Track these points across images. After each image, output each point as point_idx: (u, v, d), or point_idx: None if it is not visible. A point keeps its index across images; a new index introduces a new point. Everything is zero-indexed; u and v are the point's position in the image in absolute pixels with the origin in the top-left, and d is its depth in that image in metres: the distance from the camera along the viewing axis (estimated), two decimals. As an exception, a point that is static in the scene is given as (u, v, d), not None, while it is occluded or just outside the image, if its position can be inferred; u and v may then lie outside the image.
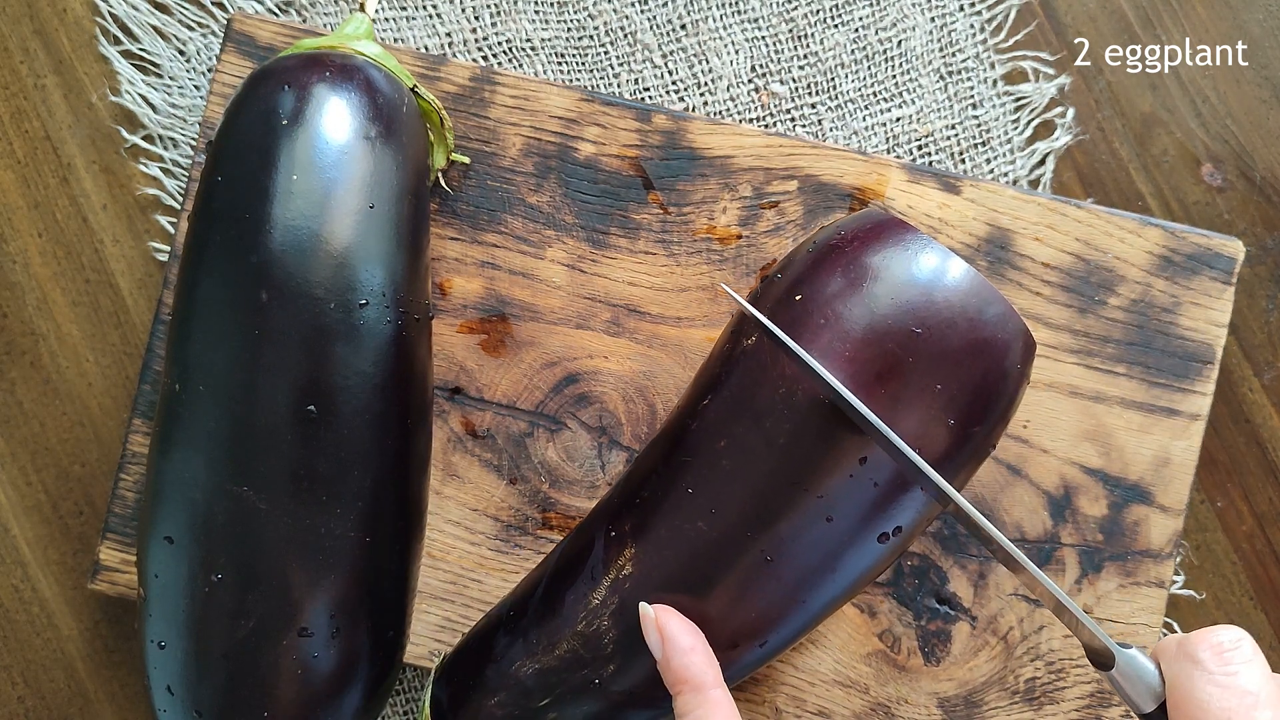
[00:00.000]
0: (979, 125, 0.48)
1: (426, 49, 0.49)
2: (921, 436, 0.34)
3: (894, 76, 0.48)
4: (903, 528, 0.35)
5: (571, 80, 0.49)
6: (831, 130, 0.48)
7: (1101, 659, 0.32)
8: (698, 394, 0.38)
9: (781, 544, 0.35)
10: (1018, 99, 0.49)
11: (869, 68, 0.48)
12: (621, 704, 0.37)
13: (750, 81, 0.48)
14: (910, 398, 0.34)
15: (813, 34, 0.48)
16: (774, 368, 0.35)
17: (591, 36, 0.48)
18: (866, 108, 0.48)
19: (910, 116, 0.48)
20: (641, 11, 0.48)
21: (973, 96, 0.48)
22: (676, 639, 0.35)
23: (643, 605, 0.36)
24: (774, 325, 0.35)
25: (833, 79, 0.48)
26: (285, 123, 0.37)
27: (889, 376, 0.34)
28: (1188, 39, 0.49)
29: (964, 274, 0.35)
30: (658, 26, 0.48)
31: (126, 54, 0.49)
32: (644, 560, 0.36)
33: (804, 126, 0.48)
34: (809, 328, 0.35)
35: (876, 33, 0.48)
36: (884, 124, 0.48)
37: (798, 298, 0.36)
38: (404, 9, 0.49)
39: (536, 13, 0.48)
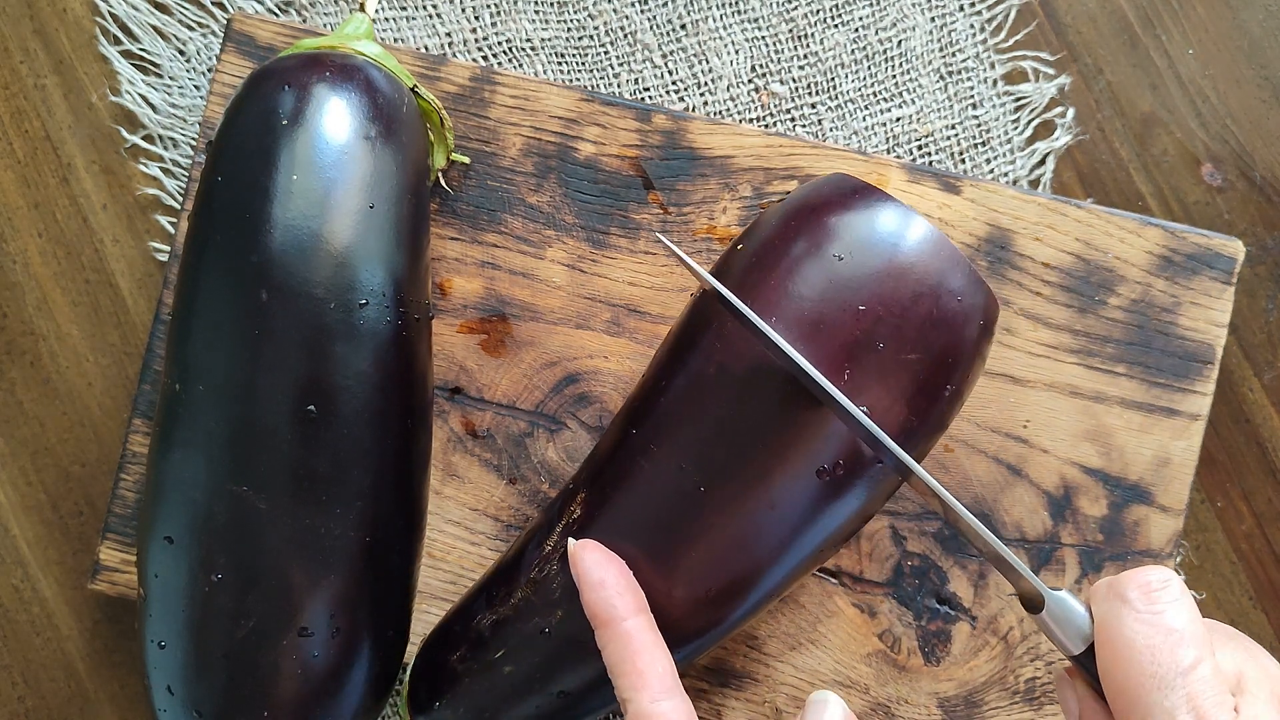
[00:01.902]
0: (979, 125, 0.48)
1: (426, 49, 0.49)
2: (885, 399, 0.34)
3: (894, 76, 0.48)
4: (842, 463, 0.35)
5: (571, 80, 0.49)
6: (831, 130, 0.48)
7: (1032, 602, 0.32)
8: (657, 353, 0.38)
9: (714, 475, 0.35)
10: (1018, 99, 0.49)
11: (869, 68, 0.48)
12: (569, 653, 0.37)
13: (750, 81, 0.48)
14: (873, 360, 0.34)
15: (813, 34, 0.48)
16: (721, 323, 0.35)
17: (591, 36, 0.48)
18: (866, 108, 0.48)
19: (910, 116, 0.48)
20: (641, 11, 0.48)
21: (973, 96, 0.48)
22: (589, 573, 0.35)
23: (570, 541, 0.36)
24: (721, 286, 0.35)
25: (833, 79, 0.48)
26: (285, 123, 0.37)
27: (851, 341, 0.34)
28: (1188, 39, 0.49)
29: (927, 233, 0.35)
30: (658, 26, 0.48)
31: (126, 54, 0.49)
32: (591, 502, 0.37)
33: (804, 126, 0.48)
34: (768, 292, 0.35)
35: (876, 33, 0.48)
36: (884, 124, 0.48)
37: (763, 265, 0.36)
38: (404, 9, 0.49)
39: (536, 13, 0.48)
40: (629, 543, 0.36)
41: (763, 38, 0.48)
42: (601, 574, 0.35)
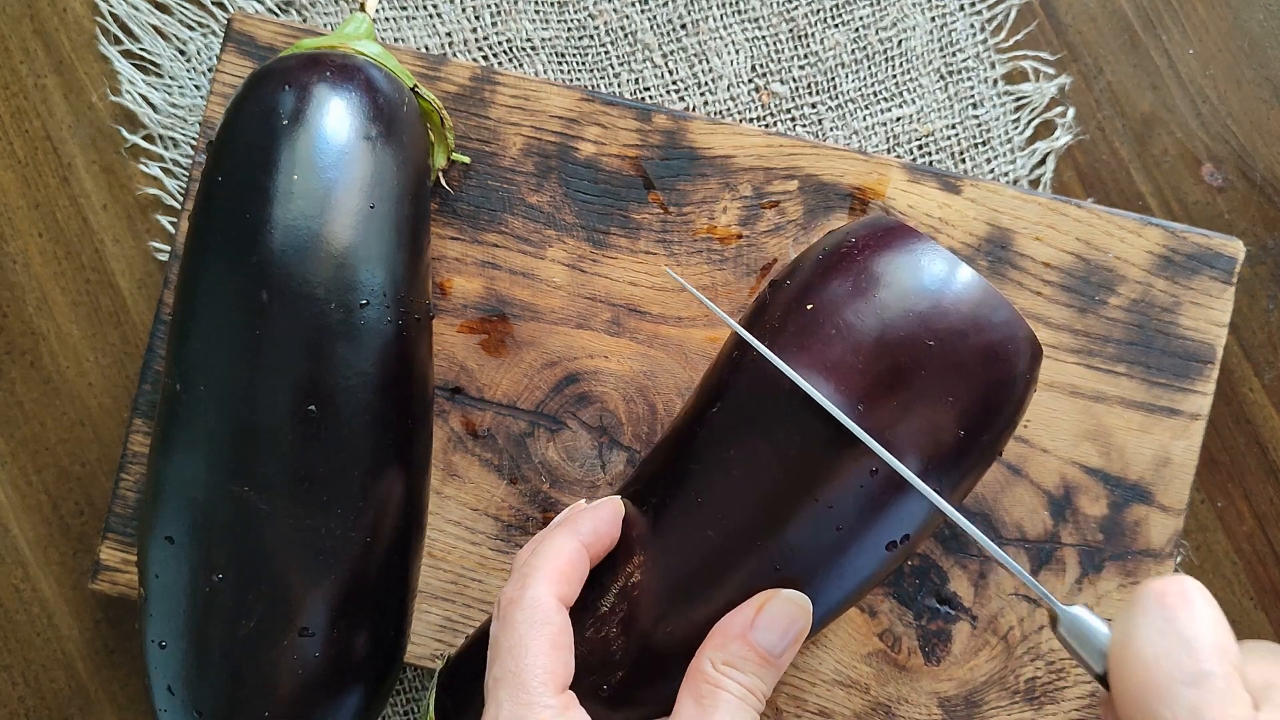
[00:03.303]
0: (979, 125, 0.48)
1: (427, 49, 0.49)
2: (932, 444, 0.34)
3: (894, 76, 0.48)
4: (910, 535, 0.35)
5: (572, 80, 0.49)
6: (832, 130, 0.48)
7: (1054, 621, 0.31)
8: (705, 400, 0.37)
9: (790, 553, 0.34)
10: (1018, 99, 0.49)
11: (869, 67, 0.48)
12: (630, 713, 0.36)
13: (750, 81, 0.48)
14: (921, 407, 0.34)
15: (813, 34, 0.48)
16: (781, 376, 0.35)
17: (592, 36, 0.48)
18: (867, 107, 0.48)
19: (910, 116, 0.48)
20: (642, 11, 0.48)
21: (973, 96, 0.48)
22: (519, 556, 0.36)
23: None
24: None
25: (833, 79, 0.48)
26: (285, 123, 0.37)
27: (900, 385, 0.34)
28: (1188, 39, 0.49)
29: (972, 281, 0.35)
30: (658, 26, 0.48)
31: (127, 54, 0.49)
32: (652, 568, 0.36)
33: (804, 126, 0.48)
34: (820, 338, 0.35)
35: (877, 32, 0.48)
36: (884, 124, 0.48)
37: (808, 306, 0.35)
38: (404, 9, 0.49)
39: (537, 12, 0.48)
40: (693, 603, 0.35)
41: (763, 37, 0.48)
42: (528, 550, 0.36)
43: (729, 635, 0.33)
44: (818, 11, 0.48)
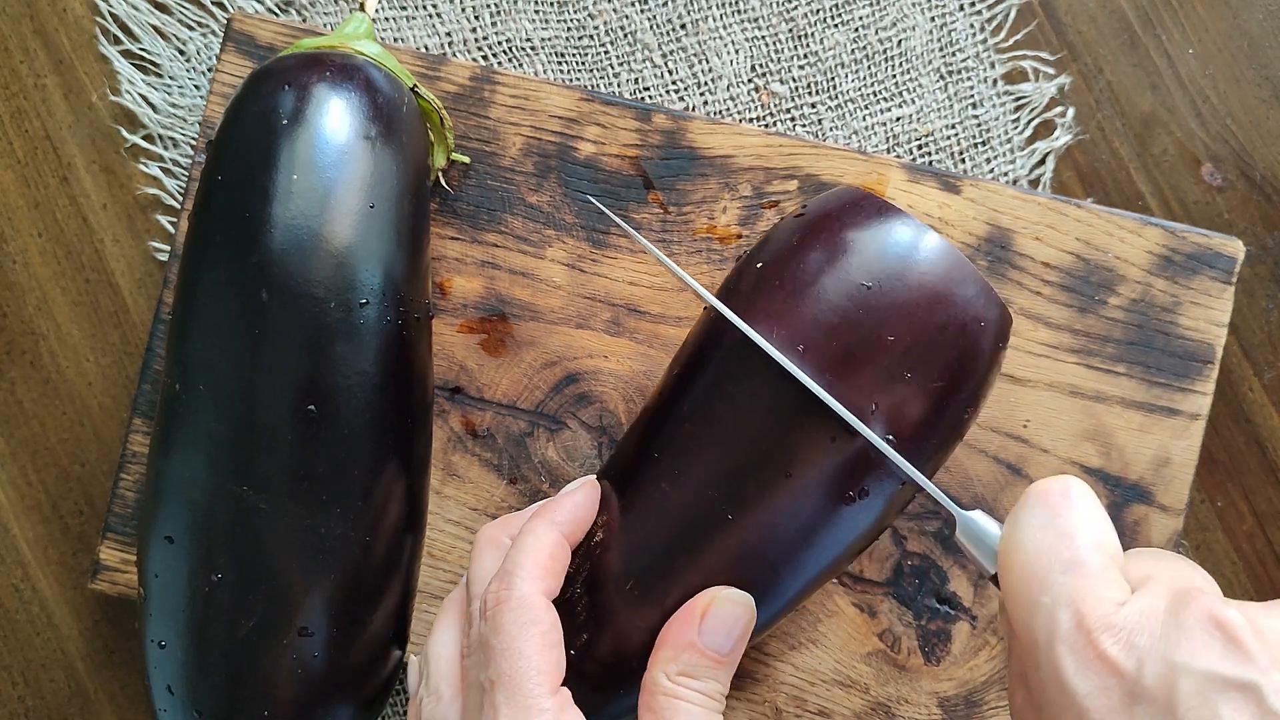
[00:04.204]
0: (979, 125, 0.48)
1: (426, 49, 0.49)
2: (897, 410, 0.34)
3: (894, 76, 0.48)
4: (871, 489, 0.35)
5: (571, 80, 0.49)
6: (832, 130, 0.48)
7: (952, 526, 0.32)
8: (671, 368, 0.38)
9: (743, 502, 0.34)
10: (1018, 98, 0.49)
11: (869, 67, 0.48)
12: (596, 676, 0.36)
13: (750, 81, 0.48)
14: (886, 371, 0.34)
15: (813, 34, 0.48)
16: (740, 342, 0.35)
17: (591, 36, 0.48)
18: (866, 107, 0.48)
19: (910, 116, 0.48)
20: (641, 11, 0.48)
21: (973, 96, 0.48)
22: (483, 531, 0.37)
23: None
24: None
25: (833, 79, 0.48)
26: (285, 122, 0.37)
27: (865, 350, 0.34)
28: (1188, 39, 0.49)
29: (939, 245, 0.35)
30: (658, 26, 0.48)
31: (126, 54, 0.49)
32: (613, 525, 0.36)
33: (804, 126, 0.48)
34: (782, 304, 0.35)
35: (876, 32, 0.48)
36: (884, 123, 0.48)
37: (772, 278, 0.36)
38: (404, 9, 0.49)
39: (536, 12, 0.48)
40: (654, 560, 0.35)
41: (763, 37, 0.48)
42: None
43: (679, 646, 0.33)
44: (817, 11, 0.48)
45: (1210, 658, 0.25)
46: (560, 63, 0.49)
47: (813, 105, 0.48)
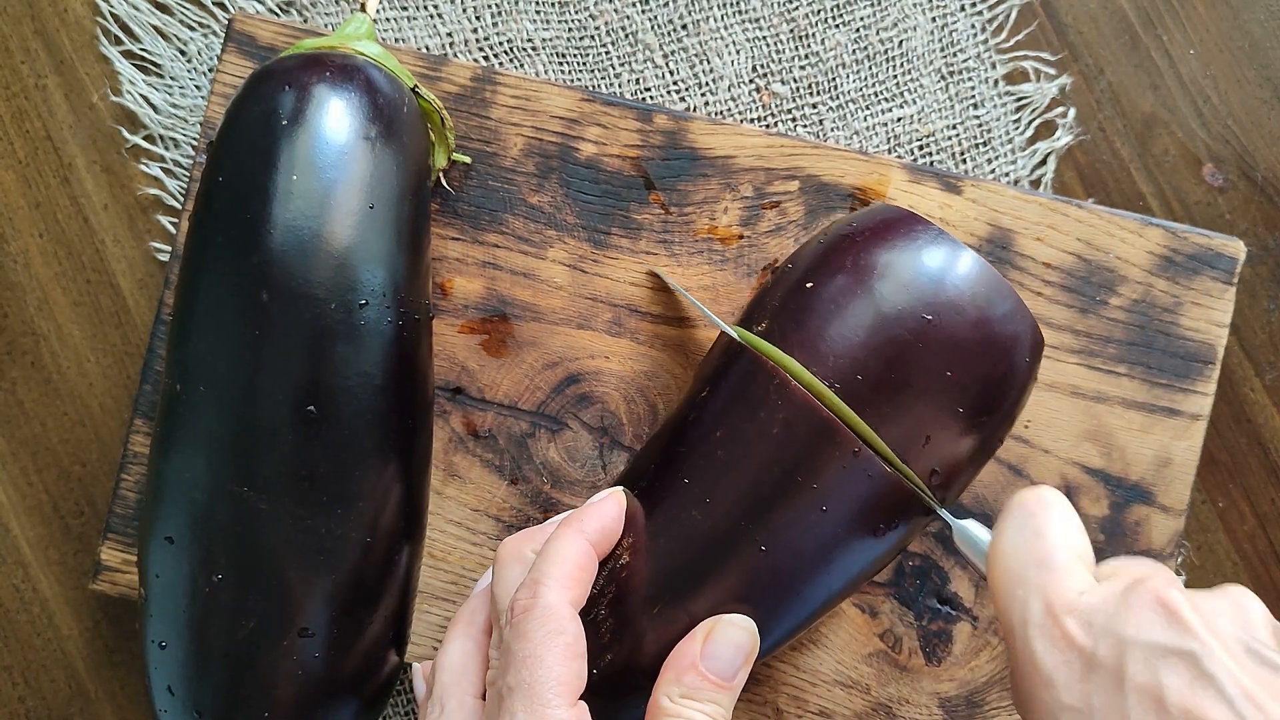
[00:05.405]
0: (980, 125, 0.48)
1: (427, 49, 0.49)
2: (930, 428, 0.34)
3: (895, 76, 0.48)
4: (900, 522, 0.35)
5: (572, 80, 0.49)
6: (833, 130, 0.48)
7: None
8: (696, 387, 0.38)
9: (775, 533, 0.34)
10: (1019, 99, 0.49)
11: (870, 68, 0.48)
12: (618, 696, 0.36)
13: (751, 81, 0.48)
14: (919, 388, 0.34)
15: (814, 34, 0.48)
16: (765, 360, 0.35)
17: (592, 36, 0.48)
18: (868, 108, 0.48)
19: (911, 116, 0.48)
20: (642, 11, 0.48)
21: (974, 96, 0.48)
22: (505, 546, 0.37)
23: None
24: (729, 328, 0.35)
25: (834, 79, 0.48)
26: (286, 123, 0.37)
27: (898, 367, 0.34)
28: (1189, 39, 0.49)
29: (975, 265, 0.35)
30: (659, 26, 0.48)
31: (127, 54, 0.49)
32: (640, 549, 0.36)
33: (805, 126, 0.48)
34: (818, 318, 0.35)
35: (878, 33, 0.48)
36: (885, 124, 0.48)
37: (808, 286, 0.36)
38: (405, 9, 0.49)
39: (537, 13, 0.48)
40: (680, 583, 0.35)
41: (764, 38, 0.48)
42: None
43: (681, 668, 0.34)
44: (818, 12, 0.48)
45: (1154, 631, 0.28)
46: (561, 63, 0.49)
47: (814, 106, 0.48)
